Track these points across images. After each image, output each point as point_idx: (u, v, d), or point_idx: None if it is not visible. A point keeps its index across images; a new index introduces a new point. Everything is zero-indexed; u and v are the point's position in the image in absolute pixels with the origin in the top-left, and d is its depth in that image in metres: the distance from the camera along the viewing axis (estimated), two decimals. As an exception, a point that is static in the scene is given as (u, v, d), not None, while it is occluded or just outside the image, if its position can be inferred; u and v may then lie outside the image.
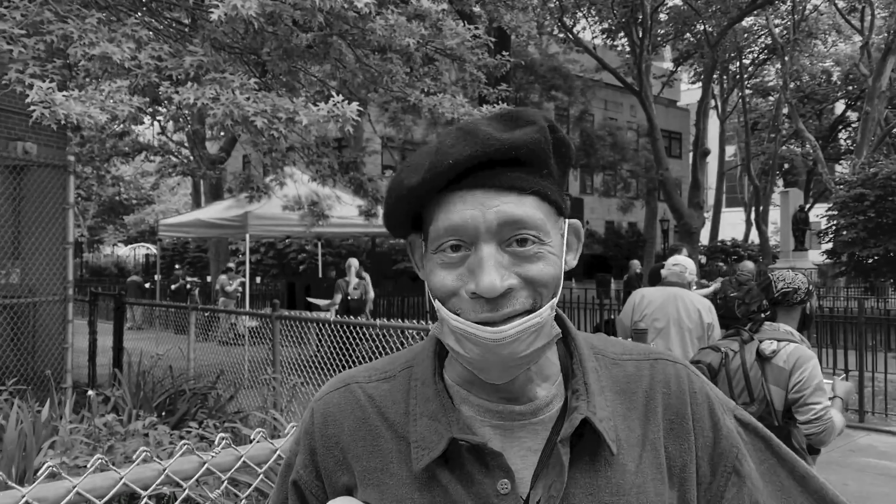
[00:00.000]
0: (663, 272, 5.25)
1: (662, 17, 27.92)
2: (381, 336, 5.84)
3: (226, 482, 1.55)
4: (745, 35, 31.08)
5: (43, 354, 6.81)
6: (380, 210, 9.06)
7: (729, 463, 0.92)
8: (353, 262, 10.76)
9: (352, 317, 7.96)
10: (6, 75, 4.52)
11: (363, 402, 0.95)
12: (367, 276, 10.99)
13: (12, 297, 6.88)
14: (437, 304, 0.86)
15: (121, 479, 1.39)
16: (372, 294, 10.96)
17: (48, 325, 6.96)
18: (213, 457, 1.52)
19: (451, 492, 0.86)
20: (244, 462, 1.57)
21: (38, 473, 1.33)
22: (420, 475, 0.87)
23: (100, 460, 1.38)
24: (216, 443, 1.55)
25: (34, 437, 3.69)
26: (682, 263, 5.22)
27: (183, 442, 1.49)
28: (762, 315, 3.48)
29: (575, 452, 0.86)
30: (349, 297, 10.51)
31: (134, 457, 1.38)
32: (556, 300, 0.85)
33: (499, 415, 0.89)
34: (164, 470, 1.45)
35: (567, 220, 0.91)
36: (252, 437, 1.62)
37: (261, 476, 1.63)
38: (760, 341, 3.22)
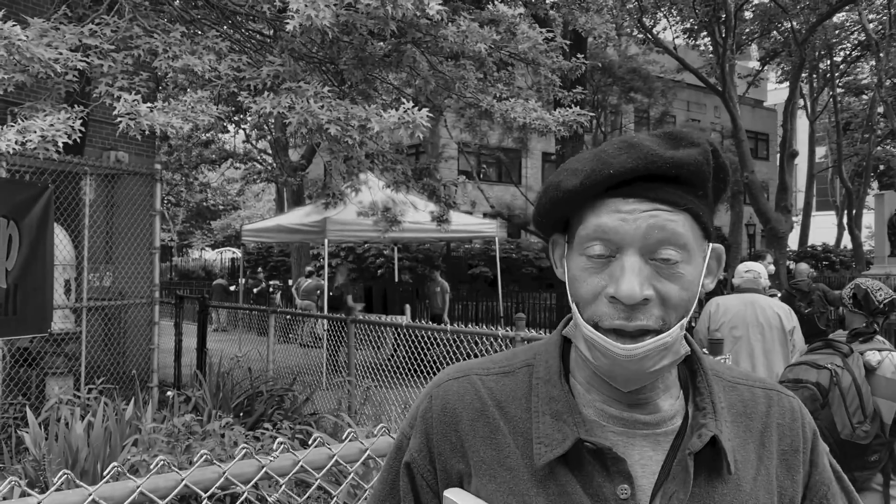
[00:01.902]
0: (735, 281, 5.09)
1: (747, 14, 27.09)
2: (452, 341, 5.85)
3: (283, 486, 1.58)
4: (837, 31, 29.79)
5: (132, 355, 7.12)
6: (451, 216, 9.11)
7: (817, 498, 0.96)
8: (341, 269, 13.08)
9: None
10: (97, 89, 4.76)
11: (482, 393, 0.97)
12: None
13: (104, 300, 7.22)
14: (573, 306, 0.89)
15: (182, 480, 1.43)
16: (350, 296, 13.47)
17: (137, 326, 7.27)
18: (271, 461, 1.56)
19: (569, 490, 0.88)
20: (302, 466, 1.60)
21: (105, 473, 1.39)
22: (539, 471, 0.89)
23: (162, 462, 1.42)
24: (275, 447, 1.58)
25: (118, 435, 3.86)
26: (754, 269, 5.07)
27: (242, 445, 1.52)
28: (873, 326, 3.27)
29: (695, 467, 0.89)
30: (331, 295, 12.66)
31: (195, 458, 1.42)
32: (686, 320, 0.87)
33: (623, 421, 0.91)
34: (224, 473, 1.49)
35: (711, 244, 0.92)
36: (310, 442, 1.65)
37: (318, 481, 1.66)
38: (861, 353, 3.05)
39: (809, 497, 0.95)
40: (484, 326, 5.78)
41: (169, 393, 5.09)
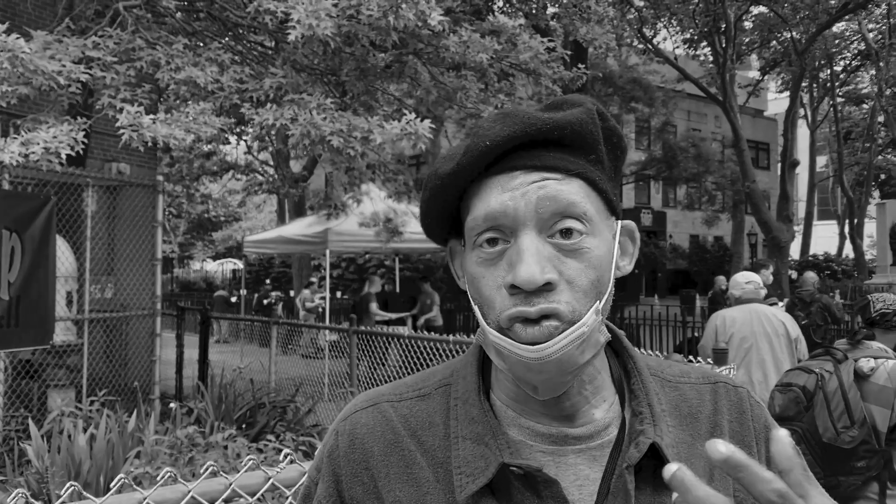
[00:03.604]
0: (736, 292, 5.07)
1: (747, 25, 27.18)
2: (454, 351, 5.84)
3: (290, 497, 1.57)
4: (836, 41, 29.90)
5: (133, 367, 7.11)
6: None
7: None
8: (373, 279, 13.02)
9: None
10: (99, 101, 4.78)
11: (395, 422, 0.85)
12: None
13: (106, 312, 7.21)
14: (476, 311, 0.79)
15: (189, 492, 1.43)
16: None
17: (138, 338, 7.27)
18: (278, 472, 1.55)
19: None
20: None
21: (112, 485, 1.38)
22: None
23: (169, 473, 1.42)
24: (281, 458, 1.57)
25: (121, 447, 3.84)
26: (755, 280, 5.07)
27: (248, 457, 1.51)
28: (862, 332, 3.32)
29: (637, 481, 0.78)
30: (355, 302, 12.90)
31: (199, 470, 1.41)
32: (601, 304, 0.76)
33: (551, 439, 0.80)
34: (231, 484, 1.48)
35: (620, 221, 0.83)
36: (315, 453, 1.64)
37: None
38: (856, 360, 3.07)
39: None
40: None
41: (171, 405, 5.08)
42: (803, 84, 30.09)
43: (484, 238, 0.77)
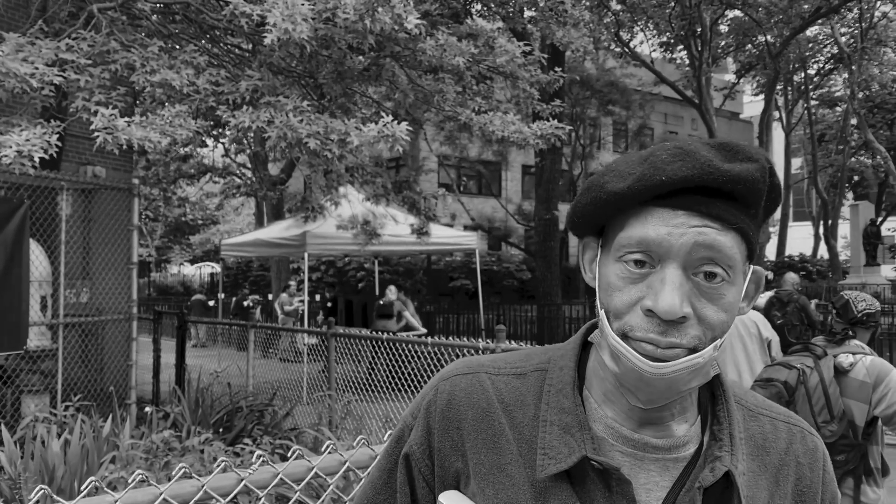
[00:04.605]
0: None
1: (723, 28, 27.46)
2: (433, 354, 5.85)
3: (263, 499, 1.58)
4: (810, 45, 30.29)
5: (109, 371, 7.04)
6: (431, 229, 9.12)
7: None
8: (390, 288, 12.86)
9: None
10: (74, 103, 4.73)
11: (490, 393, 0.92)
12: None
13: (81, 316, 7.14)
14: (601, 313, 0.84)
15: (160, 494, 1.43)
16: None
17: (114, 342, 7.20)
18: (250, 474, 1.55)
19: None
20: (281, 479, 1.60)
21: (82, 488, 1.38)
22: (539, 484, 0.85)
23: (140, 476, 1.42)
24: (254, 460, 1.58)
25: (95, 453, 3.81)
26: None
27: (221, 459, 1.52)
28: (843, 330, 3.36)
29: (703, 499, 0.84)
30: (380, 304, 12.77)
31: (173, 473, 1.41)
32: (720, 342, 0.83)
33: (633, 443, 0.87)
34: (203, 486, 1.49)
35: (752, 266, 0.87)
36: (289, 455, 1.65)
37: (297, 494, 1.66)
38: (835, 356, 3.12)
39: None
40: (465, 339, 5.79)
41: (147, 409, 5.05)
42: (778, 87, 30.45)
43: (632, 258, 0.82)
